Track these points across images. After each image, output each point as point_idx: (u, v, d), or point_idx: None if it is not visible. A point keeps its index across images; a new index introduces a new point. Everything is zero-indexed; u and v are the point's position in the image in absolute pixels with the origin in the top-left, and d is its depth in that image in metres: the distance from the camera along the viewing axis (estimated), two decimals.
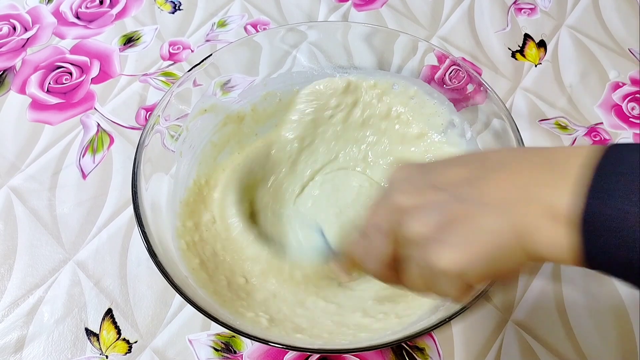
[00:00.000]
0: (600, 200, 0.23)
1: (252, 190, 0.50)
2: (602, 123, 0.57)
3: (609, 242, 0.23)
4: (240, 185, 0.48)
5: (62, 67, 0.59)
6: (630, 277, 0.23)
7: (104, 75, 0.59)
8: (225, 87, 0.49)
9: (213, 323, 0.41)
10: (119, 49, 0.61)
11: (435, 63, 0.48)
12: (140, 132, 0.42)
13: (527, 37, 0.63)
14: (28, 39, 0.62)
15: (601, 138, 0.56)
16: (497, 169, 0.27)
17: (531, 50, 0.62)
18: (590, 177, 0.23)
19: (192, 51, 0.61)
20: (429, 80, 0.49)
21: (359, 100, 0.51)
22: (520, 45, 0.62)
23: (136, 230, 0.49)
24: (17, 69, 0.59)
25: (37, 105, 0.57)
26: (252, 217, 0.49)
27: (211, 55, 0.47)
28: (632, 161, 0.23)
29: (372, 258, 0.32)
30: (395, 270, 0.32)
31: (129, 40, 0.62)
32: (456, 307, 0.36)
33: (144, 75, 0.59)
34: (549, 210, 0.24)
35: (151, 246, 0.37)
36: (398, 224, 0.29)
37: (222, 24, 0.63)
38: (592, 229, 0.23)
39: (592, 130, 0.56)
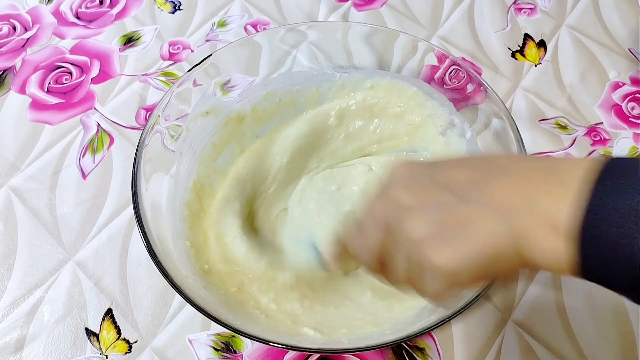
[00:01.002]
0: (598, 215, 0.23)
1: (251, 201, 0.49)
2: (602, 123, 0.57)
3: (606, 256, 0.23)
4: (239, 196, 0.48)
5: (62, 67, 0.59)
6: (627, 290, 0.24)
7: (104, 75, 0.59)
8: (225, 87, 0.49)
9: (213, 323, 0.41)
10: (119, 49, 0.61)
11: (435, 63, 0.48)
12: (140, 132, 0.42)
13: (527, 37, 0.63)
14: (28, 39, 0.62)
15: (601, 138, 0.56)
16: (501, 174, 0.28)
17: (531, 50, 0.62)
18: (590, 190, 0.23)
19: (192, 51, 0.61)
20: (429, 80, 0.49)
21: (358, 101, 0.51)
22: (520, 45, 0.62)
23: (136, 230, 0.49)
24: (17, 69, 0.59)
25: (37, 105, 0.57)
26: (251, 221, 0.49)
27: (211, 55, 0.47)
28: (633, 177, 0.23)
29: (366, 249, 0.33)
30: (384, 263, 0.32)
31: (129, 40, 0.62)
32: (456, 306, 0.36)
33: (144, 75, 0.59)
34: (548, 220, 0.24)
35: (151, 246, 0.37)
36: (396, 219, 0.30)
37: (222, 24, 0.63)
38: (589, 242, 0.23)
39: (592, 130, 0.56)
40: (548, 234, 0.24)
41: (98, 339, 0.45)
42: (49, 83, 0.58)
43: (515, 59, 0.61)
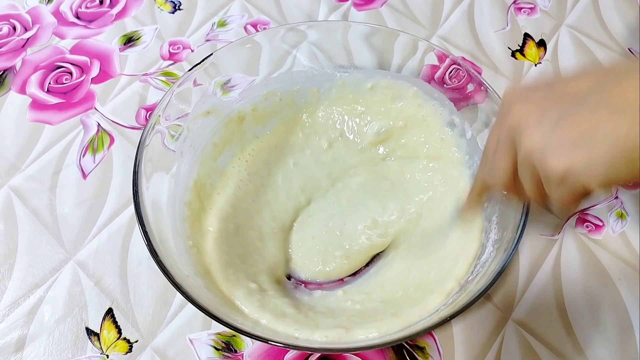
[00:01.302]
0: None
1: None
2: None
3: None
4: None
5: (62, 67, 0.59)
6: None
7: (104, 75, 0.59)
8: (226, 86, 0.49)
9: (214, 322, 0.42)
10: (119, 48, 0.61)
11: (436, 62, 0.49)
12: (141, 131, 0.42)
13: (527, 36, 0.63)
14: (28, 39, 0.62)
15: None
16: (624, 79, 0.27)
17: (531, 49, 0.62)
18: None
19: (192, 51, 0.61)
20: (429, 79, 0.49)
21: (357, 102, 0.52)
22: (520, 45, 0.62)
23: (136, 230, 0.49)
24: (17, 69, 0.59)
25: (37, 105, 0.57)
26: None
27: (211, 54, 0.47)
28: None
29: (498, 173, 0.33)
30: (516, 180, 0.32)
31: (129, 40, 0.62)
32: (457, 307, 0.36)
33: (144, 75, 0.59)
34: None
35: (152, 245, 0.37)
36: (518, 133, 0.30)
37: (222, 24, 0.63)
38: None
39: None
40: None
41: (99, 339, 0.45)
42: (49, 83, 0.58)
43: (515, 58, 0.61)
